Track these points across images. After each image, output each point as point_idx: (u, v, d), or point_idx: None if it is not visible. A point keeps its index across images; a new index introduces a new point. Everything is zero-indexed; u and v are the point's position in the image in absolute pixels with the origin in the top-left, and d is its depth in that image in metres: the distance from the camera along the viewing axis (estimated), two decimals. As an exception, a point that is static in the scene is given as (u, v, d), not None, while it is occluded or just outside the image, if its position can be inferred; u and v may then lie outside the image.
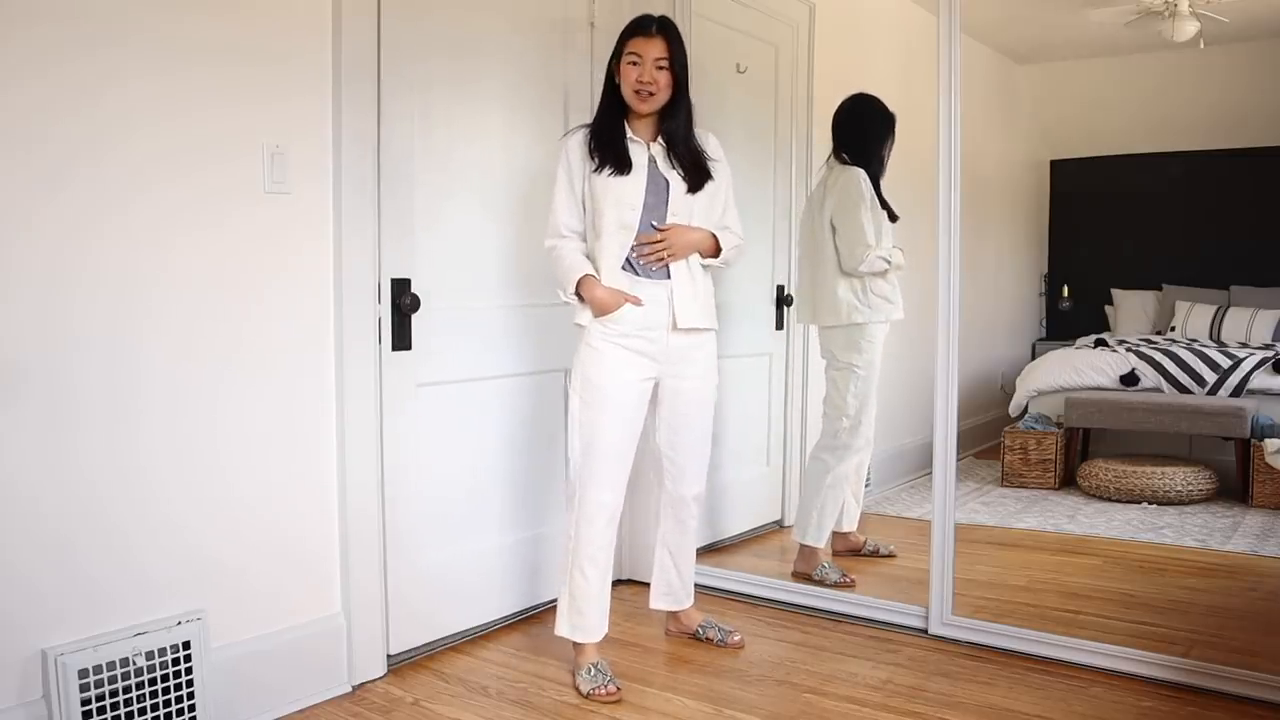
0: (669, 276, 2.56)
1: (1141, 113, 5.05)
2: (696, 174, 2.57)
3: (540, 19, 3.03)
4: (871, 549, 3.51)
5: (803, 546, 3.33)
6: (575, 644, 2.61)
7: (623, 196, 2.51)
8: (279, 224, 2.36)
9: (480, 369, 2.89)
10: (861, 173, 3.21)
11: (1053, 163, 5.49)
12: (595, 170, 2.52)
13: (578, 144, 2.57)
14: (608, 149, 2.52)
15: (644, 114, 2.55)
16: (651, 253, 2.52)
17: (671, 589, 2.87)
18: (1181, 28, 4.34)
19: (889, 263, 3.19)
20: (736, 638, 2.85)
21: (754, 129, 3.72)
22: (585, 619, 2.59)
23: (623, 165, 2.51)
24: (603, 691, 2.48)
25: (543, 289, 3.08)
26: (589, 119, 3.15)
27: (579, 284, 2.52)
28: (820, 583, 3.22)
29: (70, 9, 1.96)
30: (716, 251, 2.63)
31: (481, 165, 2.87)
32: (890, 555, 3.49)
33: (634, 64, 2.50)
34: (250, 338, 2.31)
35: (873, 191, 3.22)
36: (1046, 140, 5.40)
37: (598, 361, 2.54)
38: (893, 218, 3.27)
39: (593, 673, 2.53)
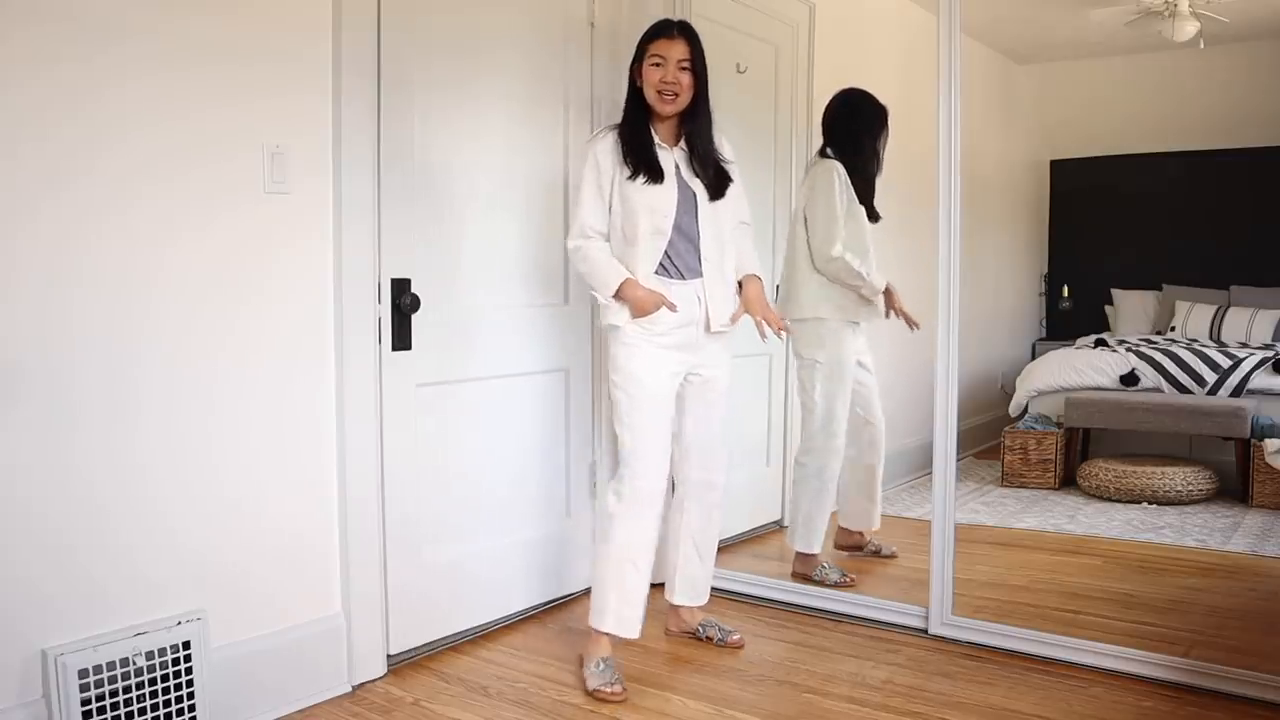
0: (700, 275, 2.62)
1: (1141, 113, 5.05)
2: (719, 181, 2.63)
3: (540, 19, 3.03)
4: (874, 549, 3.51)
5: (801, 553, 3.34)
6: (595, 634, 2.60)
7: (657, 204, 2.56)
8: (279, 224, 2.36)
9: (480, 369, 2.89)
10: (836, 166, 3.19)
11: (1053, 163, 5.48)
12: (630, 177, 2.55)
13: (608, 148, 2.59)
14: (640, 156, 2.56)
15: (667, 116, 2.59)
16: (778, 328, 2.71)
17: (695, 584, 2.88)
18: (1181, 28, 4.34)
19: (863, 277, 3.15)
20: (736, 637, 2.85)
21: (754, 129, 3.72)
22: (635, 611, 2.61)
23: (656, 173, 2.56)
24: (608, 690, 2.48)
25: (543, 289, 3.09)
26: (588, 118, 3.17)
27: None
28: (821, 583, 3.22)
29: (70, 9, 1.96)
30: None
31: (482, 165, 2.87)
32: (891, 556, 3.49)
33: (657, 65, 2.54)
34: (250, 337, 2.31)
35: (847, 185, 3.19)
36: (1046, 140, 5.40)
37: (637, 358, 2.58)
38: (873, 218, 3.23)
39: (602, 668, 2.54)
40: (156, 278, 2.13)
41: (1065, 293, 5.46)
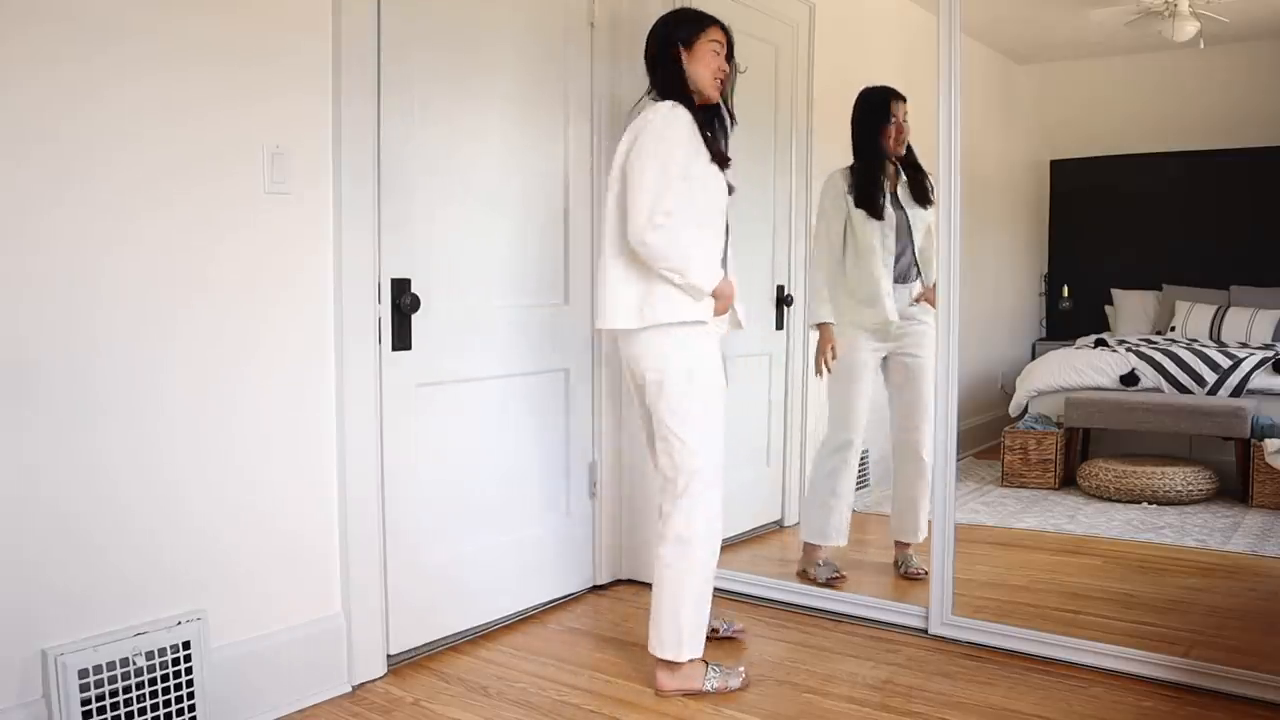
0: (725, 270, 2.58)
1: (1141, 113, 5.05)
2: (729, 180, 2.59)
3: (540, 18, 3.03)
4: (901, 565, 3.35)
5: (805, 543, 3.35)
6: (671, 663, 2.49)
7: (723, 190, 2.48)
8: (279, 224, 2.36)
9: (480, 369, 2.89)
10: (828, 183, 3.29)
11: (1053, 163, 5.48)
12: (711, 160, 2.42)
13: (689, 124, 2.38)
14: (709, 139, 2.44)
15: (713, 103, 2.52)
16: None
17: None
18: (1181, 28, 4.34)
19: (814, 304, 3.27)
20: (739, 625, 2.86)
21: (754, 129, 3.71)
22: (705, 624, 2.52)
23: (724, 159, 2.47)
24: (740, 682, 2.50)
25: (544, 289, 3.09)
26: (588, 118, 3.17)
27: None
28: (813, 580, 3.23)
29: (69, 9, 1.96)
30: None
31: (482, 164, 2.87)
32: (916, 575, 3.27)
33: (717, 53, 2.49)
34: (249, 338, 2.31)
35: (841, 194, 3.23)
36: (1046, 140, 5.39)
37: (710, 358, 2.48)
38: (877, 215, 3.17)
39: (719, 670, 2.52)
40: (156, 278, 2.13)
41: (1065, 293, 5.46)
